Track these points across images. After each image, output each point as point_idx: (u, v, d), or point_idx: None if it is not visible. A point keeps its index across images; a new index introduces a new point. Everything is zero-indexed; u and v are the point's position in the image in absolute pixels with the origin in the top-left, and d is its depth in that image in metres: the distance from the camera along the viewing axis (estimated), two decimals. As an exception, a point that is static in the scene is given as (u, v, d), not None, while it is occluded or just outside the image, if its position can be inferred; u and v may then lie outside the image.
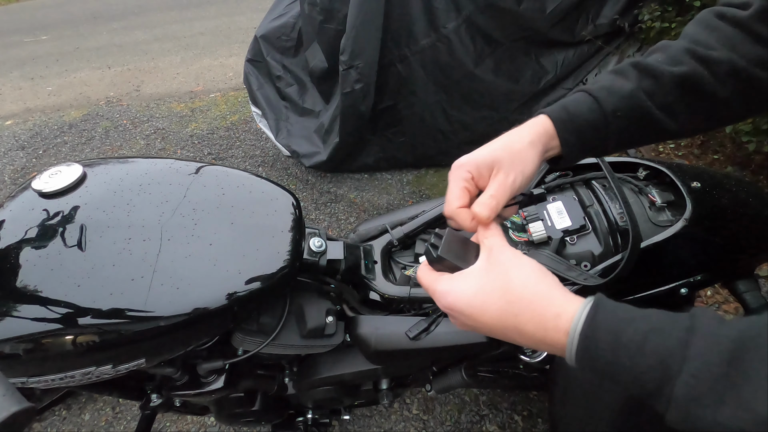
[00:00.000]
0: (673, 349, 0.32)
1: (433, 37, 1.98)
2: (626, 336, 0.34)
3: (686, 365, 0.31)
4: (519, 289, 0.40)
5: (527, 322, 0.39)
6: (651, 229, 0.75)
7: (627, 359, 0.34)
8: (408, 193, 2.29)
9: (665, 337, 0.33)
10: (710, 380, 0.30)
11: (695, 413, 0.31)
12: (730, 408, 0.29)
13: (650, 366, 0.33)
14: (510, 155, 0.49)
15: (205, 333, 0.69)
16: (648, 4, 2.12)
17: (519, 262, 0.42)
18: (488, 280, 0.42)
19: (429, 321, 0.80)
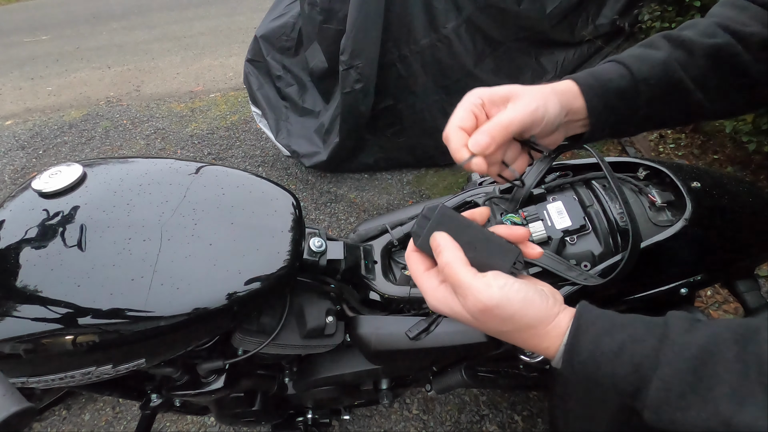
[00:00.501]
0: (647, 356, 0.35)
1: (433, 37, 1.98)
2: (605, 345, 0.37)
3: (657, 372, 0.34)
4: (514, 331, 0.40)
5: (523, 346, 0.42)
6: (651, 229, 0.75)
7: (606, 367, 0.36)
8: (408, 193, 2.29)
9: (640, 346, 0.36)
10: (678, 385, 0.33)
11: (667, 415, 0.34)
12: (696, 410, 0.32)
13: (627, 372, 0.35)
14: (531, 90, 0.46)
15: (205, 333, 0.69)
16: (648, 4, 2.12)
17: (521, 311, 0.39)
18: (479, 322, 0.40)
19: (429, 321, 0.80)
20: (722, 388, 0.31)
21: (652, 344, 0.35)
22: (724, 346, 0.33)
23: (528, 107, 0.44)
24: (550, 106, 0.45)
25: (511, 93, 0.45)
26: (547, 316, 0.40)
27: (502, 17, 2.01)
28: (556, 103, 0.46)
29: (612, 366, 0.36)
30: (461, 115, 0.45)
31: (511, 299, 0.38)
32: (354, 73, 1.92)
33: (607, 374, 0.36)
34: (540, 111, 0.44)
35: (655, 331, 0.36)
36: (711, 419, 0.31)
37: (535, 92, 0.45)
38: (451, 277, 0.40)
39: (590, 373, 0.37)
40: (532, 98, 0.44)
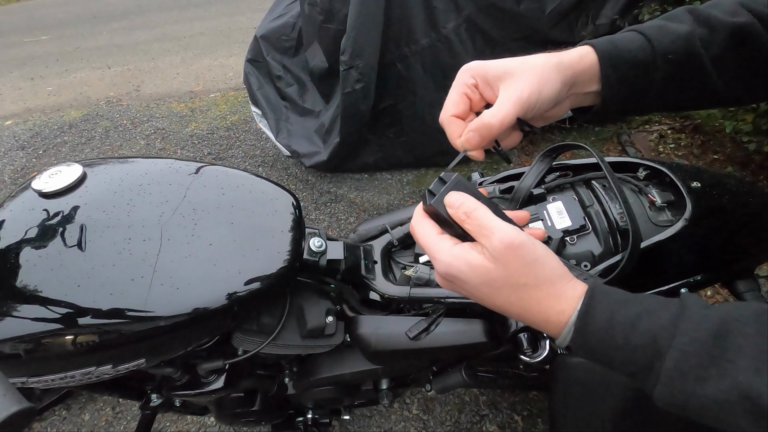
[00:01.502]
0: (664, 327, 0.34)
1: (433, 36, 1.98)
2: (620, 316, 0.35)
3: (675, 341, 0.33)
4: (532, 286, 0.39)
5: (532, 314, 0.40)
6: (651, 229, 0.75)
7: (620, 338, 0.35)
8: (408, 193, 2.29)
9: (657, 317, 0.34)
10: (697, 355, 0.32)
11: (682, 387, 0.32)
12: (715, 381, 0.31)
13: (642, 343, 0.34)
14: (526, 69, 0.43)
15: (205, 333, 0.69)
16: (648, 4, 2.12)
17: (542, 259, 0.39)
18: (504, 275, 0.38)
19: (429, 321, 0.80)
20: (743, 360, 0.30)
21: (669, 317, 0.34)
22: (743, 321, 0.32)
23: (519, 97, 0.42)
24: (546, 88, 0.43)
25: (505, 72, 0.43)
26: (566, 274, 0.39)
27: (502, 17, 2.01)
28: (555, 81, 0.44)
29: (626, 336, 0.35)
30: (455, 98, 0.44)
31: (536, 244, 0.38)
32: (354, 73, 1.92)
33: (620, 345, 0.35)
34: (533, 97, 0.42)
35: (671, 306, 0.35)
36: (730, 391, 0.30)
37: (531, 72, 0.43)
38: (478, 219, 0.39)
39: (603, 343, 0.36)
40: (526, 82, 0.42)
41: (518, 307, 0.40)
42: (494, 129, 0.42)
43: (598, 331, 0.36)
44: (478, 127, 0.42)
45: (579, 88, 0.47)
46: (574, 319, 0.38)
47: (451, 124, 0.44)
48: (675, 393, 0.33)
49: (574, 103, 0.49)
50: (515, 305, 0.40)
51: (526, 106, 0.42)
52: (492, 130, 0.42)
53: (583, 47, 0.47)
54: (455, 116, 0.45)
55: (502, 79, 0.43)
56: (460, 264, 0.39)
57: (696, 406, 0.32)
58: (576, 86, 0.47)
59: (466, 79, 0.44)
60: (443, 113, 0.45)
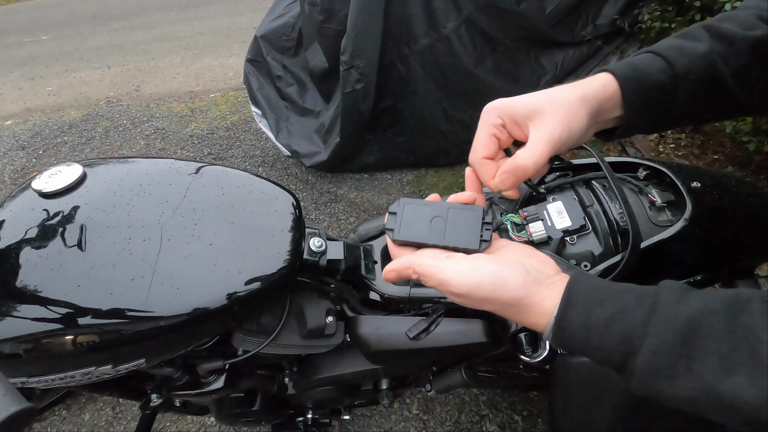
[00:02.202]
0: (636, 327, 0.35)
1: (433, 37, 1.98)
2: (594, 318, 0.37)
3: (646, 341, 0.34)
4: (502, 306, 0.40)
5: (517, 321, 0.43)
6: (651, 229, 0.75)
7: (596, 338, 0.37)
8: (408, 193, 2.29)
9: (630, 317, 0.36)
10: (666, 355, 0.33)
11: (653, 385, 0.34)
12: (683, 380, 0.32)
13: (616, 343, 0.36)
14: (554, 105, 0.42)
15: (205, 333, 0.69)
16: (648, 4, 2.12)
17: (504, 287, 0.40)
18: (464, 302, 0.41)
19: (429, 321, 0.80)
20: (709, 359, 0.32)
21: (641, 315, 0.35)
22: (713, 318, 0.33)
23: (551, 137, 0.42)
24: (575, 123, 0.43)
25: (534, 112, 0.43)
26: (525, 295, 0.39)
27: (502, 17, 2.01)
28: (583, 116, 0.44)
29: (601, 338, 0.36)
30: (483, 140, 0.44)
31: (480, 284, 0.39)
32: (355, 73, 1.92)
33: (596, 346, 0.37)
34: (563, 135, 0.42)
35: (645, 302, 0.36)
36: (696, 389, 0.32)
37: (559, 110, 0.42)
38: (426, 275, 0.41)
39: (580, 345, 0.37)
40: (556, 120, 0.42)
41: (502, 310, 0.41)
42: (529, 171, 0.42)
43: (574, 335, 0.38)
44: (512, 169, 0.43)
45: (603, 116, 0.47)
46: (551, 325, 0.39)
47: (483, 166, 0.44)
48: (648, 390, 0.35)
49: (598, 129, 0.49)
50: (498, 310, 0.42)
51: (558, 145, 0.43)
52: (527, 172, 0.42)
53: (603, 75, 0.47)
54: (486, 158, 0.45)
55: (531, 118, 0.43)
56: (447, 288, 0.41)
57: (669, 400, 0.34)
58: (600, 115, 0.47)
59: (493, 120, 0.44)
60: (473, 155, 0.45)
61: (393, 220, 0.45)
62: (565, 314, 0.38)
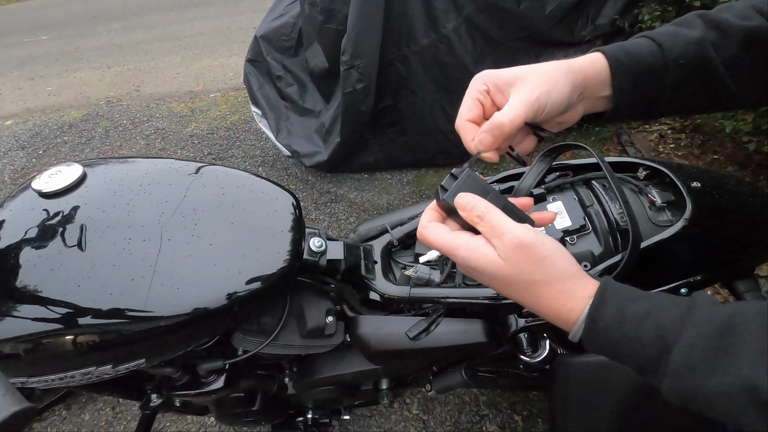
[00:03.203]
0: (672, 322, 0.35)
1: (433, 36, 1.98)
2: (630, 312, 0.37)
3: (683, 335, 0.34)
4: (542, 284, 0.40)
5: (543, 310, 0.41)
6: (651, 229, 0.75)
7: (630, 331, 0.36)
8: (408, 193, 2.29)
9: (666, 313, 0.36)
10: (703, 349, 0.33)
11: (688, 380, 0.33)
12: (720, 374, 0.32)
13: (650, 337, 0.35)
14: (536, 72, 0.44)
15: (205, 333, 0.69)
16: (648, 4, 2.12)
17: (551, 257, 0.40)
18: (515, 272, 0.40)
19: (429, 321, 0.80)
20: (748, 354, 0.31)
21: (678, 312, 0.35)
22: (749, 318, 0.33)
23: (529, 98, 0.43)
24: (556, 91, 0.44)
25: (516, 78, 0.44)
26: (577, 273, 0.40)
27: (502, 17, 2.01)
28: (565, 85, 0.44)
29: (635, 331, 0.36)
30: (468, 104, 0.46)
31: (545, 242, 0.40)
32: (355, 73, 1.92)
33: (629, 339, 0.36)
34: (542, 99, 0.43)
35: (681, 303, 0.36)
36: (734, 383, 0.31)
37: (541, 76, 0.44)
38: (491, 221, 0.40)
39: (613, 339, 0.37)
40: (536, 86, 0.43)
41: (530, 302, 0.41)
42: (505, 128, 0.43)
43: (608, 327, 0.37)
44: (490, 128, 0.43)
45: (590, 93, 0.48)
46: (584, 316, 0.39)
47: (465, 128, 0.46)
48: (682, 386, 0.34)
49: (587, 108, 0.50)
50: (527, 301, 0.41)
51: (536, 107, 0.43)
52: (503, 129, 0.43)
53: (593, 53, 0.48)
54: (469, 120, 0.46)
55: (513, 84, 0.44)
56: (478, 257, 0.41)
57: (702, 398, 0.33)
58: (587, 90, 0.47)
59: (478, 86, 0.46)
60: (458, 119, 0.46)
61: (451, 182, 0.44)
62: (599, 306, 0.38)
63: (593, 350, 0.39)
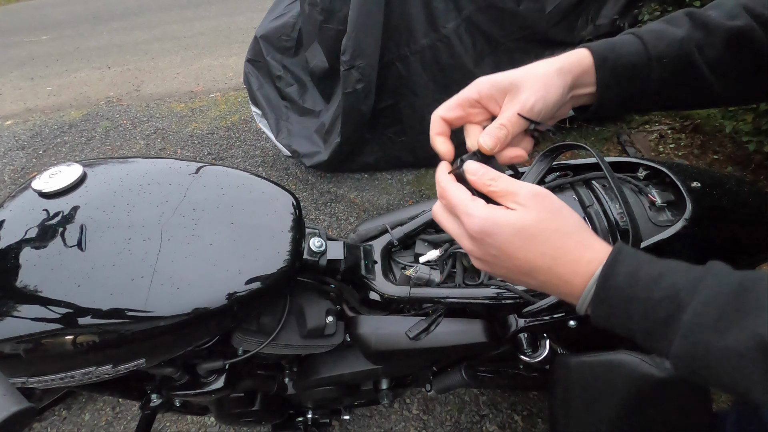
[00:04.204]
0: (687, 283, 0.35)
1: (433, 36, 1.98)
2: (643, 272, 0.37)
3: (697, 295, 0.33)
4: (563, 233, 0.40)
5: (563, 266, 0.40)
6: (651, 229, 0.75)
7: (642, 291, 0.36)
8: (408, 193, 2.29)
9: (681, 275, 0.36)
10: (718, 308, 0.32)
11: (702, 339, 0.33)
12: (734, 332, 0.32)
13: (663, 297, 0.35)
14: (530, 78, 0.45)
15: (205, 333, 0.69)
16: (648, 4, 2.12)
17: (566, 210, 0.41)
18: (537, 220, 0.40)
19: (429, 321, 0.80)
20: (763, 313, 0.31)
21: (694, 275, 0.35)
22: (764, 282, 0.33)
23: (523, 107, 0.44)
24: (550, 96, 0.45)
25: (511, 84, 0.45)
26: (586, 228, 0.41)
27: (502, 17, 2.02)
28: (558, 87, 0.46)
29: (648, 291, 0.36)
30: (452, 104, 0.47)
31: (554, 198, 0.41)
32: (355, 73, 1.92)
33: (642, 299, 0.36)
34: (538, 105, 0.44)
35: (696, 268, 0.36)
36: (748, 341, 0.31)
37: (535, 82, 0.45)
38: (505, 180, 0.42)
39: (624, 297, 0.37)
40: (530, 93, 0.44)
41: (549, 257, 0.40)
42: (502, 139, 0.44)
43: (621, 284, 0.37)
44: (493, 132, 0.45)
45: (578, 90, 0.49)
46: (599, 271, 0.38)
47: (435, 123, 0.48)
48: (693, 345, 0.33)
49: (575, 103, 0.51)
50: (546, 256, 0.40)
51: (532, 112, 0.44)
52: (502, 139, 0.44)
53: (581, 50, 0.49)
54: (443, 118, 0.48)
55: (508, 91, 0.45)
56: (495, 218, 0.40)
57: (714, 358, 0.32)
58: (575, 88, 0.49)
59: (470, 93, 0.47)
60: (436, 111, 0.48)
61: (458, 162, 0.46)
62: (613, 264, 0.38)
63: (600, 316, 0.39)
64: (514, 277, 0.43)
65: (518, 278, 0.43)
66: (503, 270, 0.42)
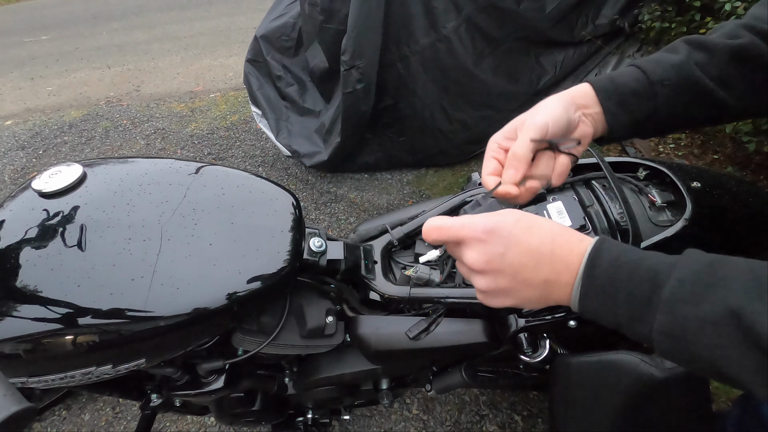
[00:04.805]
0: (664, 265, 0.38)
1: (433, 36, 1.98)
2: (625, 257, 0.40)
3: (674, 273, 0.37)
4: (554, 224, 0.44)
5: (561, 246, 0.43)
6: (651, 229, 0.75)
7: (625, 274, 0.39)
8: (408, 193, 2.29)
9: (658, 258, 0.39)
10: (693, 283, 0.36)
11: (680, 311, 0.36)
12: (709, 303, 0.35)
13: (643, 279, 0.38)
14: (532, 110, 0.50)
15: (205, 333, 0.69)
16: (648, 4, 2.12)
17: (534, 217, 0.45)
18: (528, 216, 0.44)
19: (429, 321, 0.80)
20: (733, 284, 0.34)
21: (670, 259, 0.39)
22: (736, 262, 0.37)
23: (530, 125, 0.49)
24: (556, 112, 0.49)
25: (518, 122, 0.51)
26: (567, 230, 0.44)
27: (501, 17, 2.02)
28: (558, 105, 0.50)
29: (630, 273, 0.39)
30: (487, 164, 0.52)
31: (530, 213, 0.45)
32: (356, 73, 1.92)
33: (625, 281, 0.39)
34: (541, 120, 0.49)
35: (673, 254, 0.39)
36: (722, 311, 0.34)
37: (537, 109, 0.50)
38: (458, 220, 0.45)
39: (609, 280, 0.40)
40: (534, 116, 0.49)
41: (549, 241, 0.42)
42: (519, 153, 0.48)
43: (606, 270, 0.40)
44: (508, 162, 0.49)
45: (586, 110, 0.52)
46: (584, 263, 0.41)
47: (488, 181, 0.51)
48: (672, 320, 0.36)
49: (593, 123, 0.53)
50: (547, 239, 0.42)
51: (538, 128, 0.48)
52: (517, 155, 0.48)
53: (581, 84, 0.53)
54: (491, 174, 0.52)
55: (518, 127, 0.50)
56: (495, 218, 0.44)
57: (691, 331, 0.35)
58: (581, 108, 0.52)
59: (491, 146, 0.52)
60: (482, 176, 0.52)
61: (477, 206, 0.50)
62: (598, 253, 0.41)
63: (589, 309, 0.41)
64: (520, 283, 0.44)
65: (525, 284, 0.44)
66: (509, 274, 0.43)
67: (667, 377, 0.62)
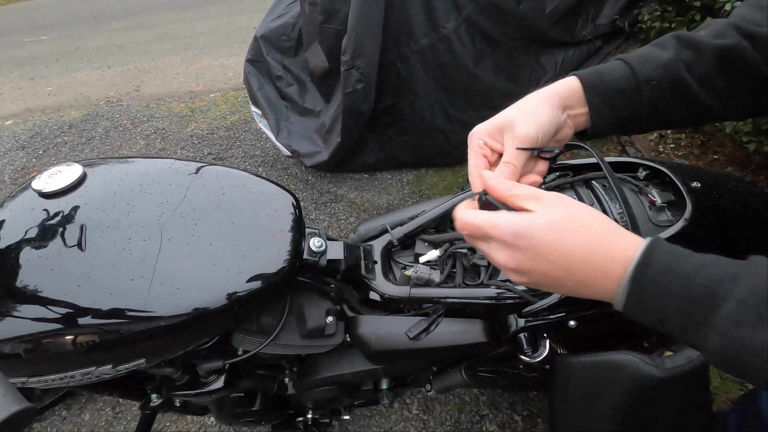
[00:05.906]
0: (724, 279, 0.34)
1: (433, 36, 1.98)
2: (679, 266, 0.36)
3: (734, 291, 0.33)
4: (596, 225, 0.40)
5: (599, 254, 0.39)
6: (651, 229, 0.75)
7: (678, 287, 0.35)
8: (408, 193, 2.29)
9: (717, 270, 0.35)
10: (755, 305, 0.32)
11: (736, 334, 0.33)
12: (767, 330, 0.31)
13: (700, 293, 0.34)
14: (519, 111, 0.49)
15: (205, 333, 0.69)
16: (648, 4, 2.12)
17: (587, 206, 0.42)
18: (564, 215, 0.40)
19: (429, 321, 0.80)
20: None
21: (731, 270, 0.35)
22: None
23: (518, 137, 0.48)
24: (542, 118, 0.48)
25: (504, 123, 0.49)
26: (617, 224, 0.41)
27: (501, 17, 2.02)
28: (547, 109, 0.49)
29: (685, 286, 0.35)
30: (474, 161, 0.50)
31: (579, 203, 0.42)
32: (356, 73, 1.92)
33: (678, 295, 0.35)
34: (532, 131, 0.47)
35: (734, 263, 0.36)
36: None
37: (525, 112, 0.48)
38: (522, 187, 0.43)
39: (660, 291, 0.36)
40: (524, 122, 0.48)
41: (585, 249, 0.39)
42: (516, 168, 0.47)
43: (657, 278, 0.36)
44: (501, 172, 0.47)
45: (572, 111, 0.51)
46: (633, 265, 0.37)
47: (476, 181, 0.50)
48: (728, 342, 0.33)
49: (576, 124, 0.53)
50: (582, 248, 0.39)
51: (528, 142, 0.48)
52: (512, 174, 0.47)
53: (568, 77, 0.51)
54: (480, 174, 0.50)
55: (504, 128, 0.49)
56: (524, 219, 0.41)
57: (751, 354, 0.32)
58: (568, 109, 0.51)
59: (477, 142, 0.50)
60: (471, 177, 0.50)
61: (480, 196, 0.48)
62: (650, 255, 0.37)
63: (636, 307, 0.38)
64: (552, 282, 0.42)
65: (557, 282, 0.42)
66: (540, 276, 0.42)
67: (667, 377, 0.62)
